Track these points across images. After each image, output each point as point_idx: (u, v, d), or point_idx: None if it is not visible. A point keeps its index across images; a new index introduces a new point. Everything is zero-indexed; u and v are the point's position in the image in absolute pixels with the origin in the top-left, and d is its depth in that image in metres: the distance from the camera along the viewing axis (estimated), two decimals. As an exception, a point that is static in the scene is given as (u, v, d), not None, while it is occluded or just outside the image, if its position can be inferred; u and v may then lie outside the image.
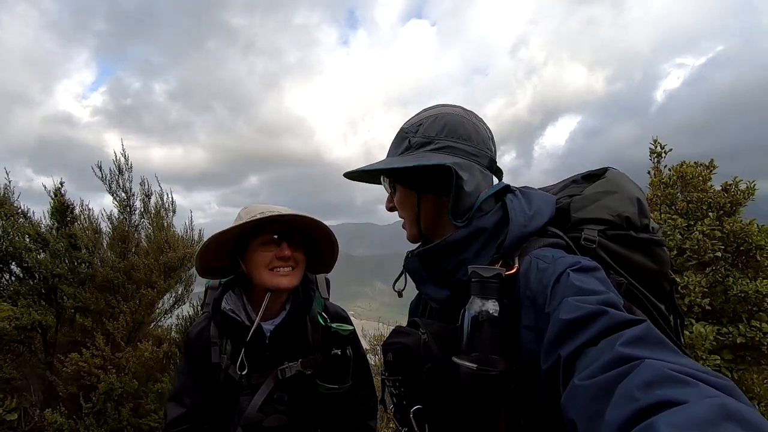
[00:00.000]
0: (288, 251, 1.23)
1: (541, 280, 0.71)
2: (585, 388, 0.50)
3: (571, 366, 0.57)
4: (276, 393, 1.24)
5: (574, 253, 0.81)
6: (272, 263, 1.23)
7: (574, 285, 0.66)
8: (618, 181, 0.91)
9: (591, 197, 0.89)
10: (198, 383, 1.28)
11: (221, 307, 1.27)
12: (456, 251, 0.86)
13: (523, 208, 0.86)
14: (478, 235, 0.85)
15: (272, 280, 1.23)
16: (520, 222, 0.83)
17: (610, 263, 0.82)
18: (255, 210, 1.26)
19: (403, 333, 0.85)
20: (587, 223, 0.86)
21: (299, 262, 1.28)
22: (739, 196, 3.41)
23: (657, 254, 0.87)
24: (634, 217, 0.85)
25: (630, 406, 0.42)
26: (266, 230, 1.25)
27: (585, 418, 0.49)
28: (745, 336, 3.02)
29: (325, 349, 1.28)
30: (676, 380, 0.43)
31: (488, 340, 0.71)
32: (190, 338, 1.31)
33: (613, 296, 0.64)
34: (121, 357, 3.34)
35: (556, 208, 0.91)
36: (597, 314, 0.58)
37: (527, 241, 0.83)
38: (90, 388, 3.32)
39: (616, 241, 0.84)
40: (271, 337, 1.26)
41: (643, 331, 0.53)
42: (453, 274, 0.86)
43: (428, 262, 0.90)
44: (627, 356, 0.49)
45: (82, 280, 3.41)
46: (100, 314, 3.45)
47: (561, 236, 0.84)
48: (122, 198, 4.02)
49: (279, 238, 1.25)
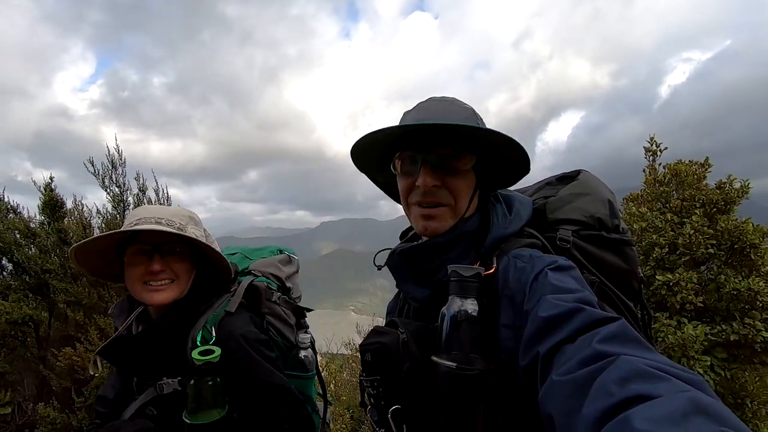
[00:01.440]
0: (158, 265, 1.12)
1: (520, 279, 0.73)
2: (562, 383, 0.52)
3: (549, 362, 0.58)
4: (148, 407, 1.18)
5: (550, 253, 0.82)
6: (144, 276, 1.13)
7: (552, 283, 0.67)
8: (590, 183, 0.95)
9: (565, 198, 0.92)
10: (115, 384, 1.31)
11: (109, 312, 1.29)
12: (440, 252, 0.86)
13: (504, 212, 0.89)
14: (463, 238, 0.86)
15: (144, 295, 1.14)
16: (500, 225, 0.86)
17: (584, 263, 0.85)
18: (136, 215, 1.17)
19: (381, 333, 0.84)
20: (562, 224, 0.89)
21: (180, 275, 1.17)
22: (733, 194, 3.38)
23: (627, 254, 0.91)
24: (605, 218, 0.89)
25: (606, 400, 0.44)
26: (142, 239, 1.14)
27: (562, 413, 0.50)
28: (739, 334, 3.01)
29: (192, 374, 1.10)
30: (650, 375, 0.44)
31: (467, 339, 0.71)
32: None
33: (589, 294, 0.66)
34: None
35: (534, 209, 0.94)
36: (574, 312, 0.60)
37: (506, 242, 0.84)
38: (83, 382, 3.33)
39: (589, 241, 0.87)
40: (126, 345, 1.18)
41: (618, 329, 0.55)
42: (435, 273, 0.87)
43: (411, 260, 0.89)
44: (603, 353, 0.51)
45: (75, 275, 3.41)
46: (92, 309, 3.46)
47: (537, 237, 0.86)
48: (115, 193, 4.02)
49: (152, 250, 1.13)
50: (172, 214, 1.19)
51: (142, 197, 4.20)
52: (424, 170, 0.83)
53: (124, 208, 4.14)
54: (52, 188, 3.45)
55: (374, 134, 0.82)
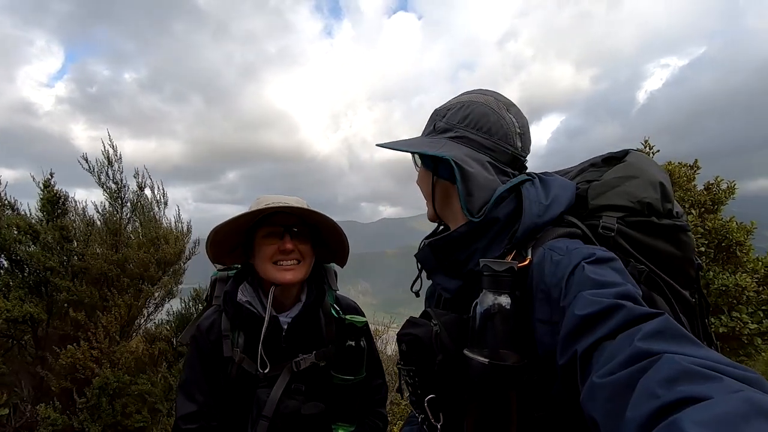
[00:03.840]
0: (290, 244, 1.21)
1: (556, 273, 0.70)
2: (604, 385, 0.49)
3: (588, 362, 0.56)
4: (293, 384, 1.24)
5: (591, 243, 0.79)
6: (275, 256, 1.22)
7: (590, 278, 0.65)
8: (639, 165, 0.87)
9: (610, 183, 0.86)
10: (208, 378, 1.25)
11: (237, 299, 1.25)
12: (467, 243, 0.86)
13: (539, 197, 0.84)
14: (490, 226, 0.84)
15: (275, 274, 1.21)
16: (533, 212, 0.81)
17: (631, 251, 0.81)
18: (264, 201, 1.25)
19: (415, 324, 0.85)
20: (606, 210, 0.84)
21: (306, 256, 1.26)
22: (720, 195, 3.59)
23: (681, 240, 0.85)
24: (656, 203, 0.83)
25: (651, 403, 0.41)
26: (272, 221, 1.24)
27: (606, 416, 0.48)
28: (727, 326, 3.19)
29: (339, 341, 1.28)
30: (699, 375, 0.41)
31: (500, 334, 0.70)
32: (201, 331, 1.27)
33: (631, 288, 0.63)
34: (116, 351, 3.30)
35: (576, 194, 0.89)
36: (614, 308, 0.57)
37: (542, 231, 0.81)
38: (83, 382, 3.26)
39: (637, 228, 0.82)
40: (288, 329, 1.26)
41: (661, 325, 0.52)
42: (465, 264, 0.86)
43: (439, 252, 0.89)
44: (646, 351, 0.48)
45: (76, 273, 3.35)
46: (94, 308, 3.39)
47: (577, 225, 0.82)
48: (113, 190, 3.95)
49: (283, 230, 1.23)
50: (297, 202, 1.27)
51: (142, 194, 4.15)
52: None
53: (122, 204, 4.07)
54: (52, 184, 3.38)
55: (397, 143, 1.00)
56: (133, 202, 3.90)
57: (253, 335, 1.23)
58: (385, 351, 5.70)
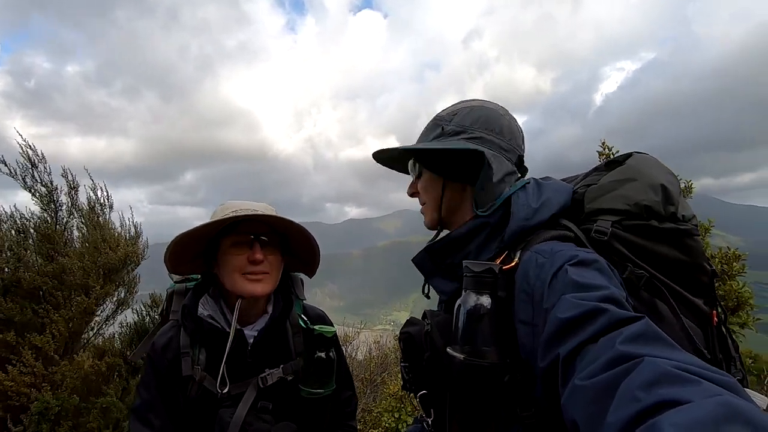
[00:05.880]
0: (260, 254, 1.13)
1: (539, 276, 0.71)
2: (585, 388, 0.50)
3: (571, 364, 0.56)
4: (259, 402, 1.15)
5: (585, 247, 0.78)
6: (245, 267, 1.14)
7: (573, 280, 0.65)
8: (639, 167, 0.86)
9: (606, 186, 0.86)
10: (165, 399, 1.16)
11: (198, 313, 1.16)
12: (460, 246, 0.88)
13: (529, 201, 0.85)
14: (481, 230, 0.86)
15: (245, 287, 1.13)
16: (521, 216, 0.83)
17: (629, 255, 0.79)
18: (231, 207, 1.17)
19: (411, 323, 0.91)
20: (601, 214, 0.84)
21: (275, 266, 1.19)
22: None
23: (687, 245, 0.82)
24: (656, 206, 0.81)
25: (632, 406, 0.42)
26: (239, 230, 1.15)
27: (587, 419, 0.48)
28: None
29: (308, 353, 1.23)
30: (678, 378, 0.42)
31: (480, 332, 0.73)
32: (156, 350, 1.18)
33: (614, 290, 0.63)
34: (56, 372, 2.96)
35: (574, 198, 0.89)
36: (597, 312, 0.58)
37: (532, 234, 0.82)
38: (18, 409, 2.91)
39: (635, 232, 0.80)
40: (254, 343, 1.18)
41: (642, 328, 0.53)
42: (459, 267, 0.85)
43: (436, 256, 0.92)
44: (627, 354, 0.49)
45: (6, 288, 2.98)
46: (25, 326, 3.04)
47: (570, 228, 0.82)
48: (43, 193, 3.57)
49: (253, 239, 1.15)
50: (265, 208, 1.20)
51: (76, 197, 3.78)
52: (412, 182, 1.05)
53: (56, 209, 3.70)
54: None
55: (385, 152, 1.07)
56: (68, 205, 3.54)
57: (215, 351, 1.15)
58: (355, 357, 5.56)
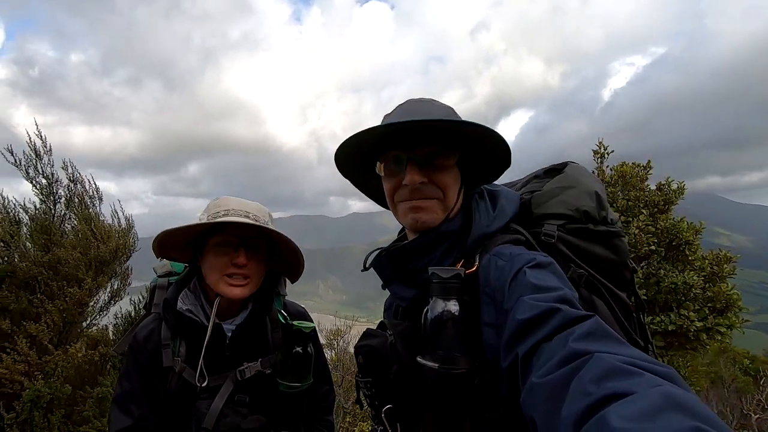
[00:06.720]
0: (243, 258, 1.15)
1: (500, 278, 0.73)
2: (541, 385, 0.52)
3: (529, 363, 0.59)
4: (236, 395, 1.18)
5: (535, 249, 0.83)
6: (226, 269, 1.15)
7: (531, 282, 0.68)
8: (575, 176, 0.94)
9: (550, 193, 0.92)
10: (146, 389, 1.19)
11: (177, 307, 1.18)
12: (424, 253, 0.88)
13: (488, 208, 0.89)
14: (446, 238, 0.87)
15: (224, 288, 1.15)
16: (483, 223, 0.86)
17: (571, 256, 0.86)
18: (223, 205, 1.18)
19: (371, 335, 0.88)
20: (547, 219, 0.89)
21: (257, 271, 1.20)
22: (671, 194, 3.71)
23: (616, 245, 0.90)
24: (592, 211, 0.89)
25: (583, 400, 0.44)
26: (227, 230, 1.16)
27: (543, 415, 0.50)
28: (675, 324, 3.30)
29: (286, 348, 1.24)
30: (624, 372, 0.45)
31: (450, 339, 0.73)
32: (138, 341, 1.21)
33: (568, 292, 0.67)
34: (49, 361, 3.02)
35: (521, 203, 0.94)
36: (551, 312, 0.61)
37: (489, 239, 0.85)
38: (12, 396, 2.97)
39: (576, 235, 0.88)
40: (233, 337, 1.20)
41: (592, 326, 0.56)
42: (421, 273, 0.87)
43: (397, 261, 0.91)
44: (579, 351, 0.52)
45: (1, 278, 3.04)
46: (21, 315, 3.10)
47: (521, 232, 0.87)
48: (44, 185, 3.62)
49: (239, 242, 1.16)
50: (258, 210, 1.21)
51: (74, 189, 3.83)
52: (410, 168, 0.84)
53: (54, 201, 3.75)
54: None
55: (360, 135, 0.84)
56: (67, 197, 3.59)
57: (195, 344, 1.17)
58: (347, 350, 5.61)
